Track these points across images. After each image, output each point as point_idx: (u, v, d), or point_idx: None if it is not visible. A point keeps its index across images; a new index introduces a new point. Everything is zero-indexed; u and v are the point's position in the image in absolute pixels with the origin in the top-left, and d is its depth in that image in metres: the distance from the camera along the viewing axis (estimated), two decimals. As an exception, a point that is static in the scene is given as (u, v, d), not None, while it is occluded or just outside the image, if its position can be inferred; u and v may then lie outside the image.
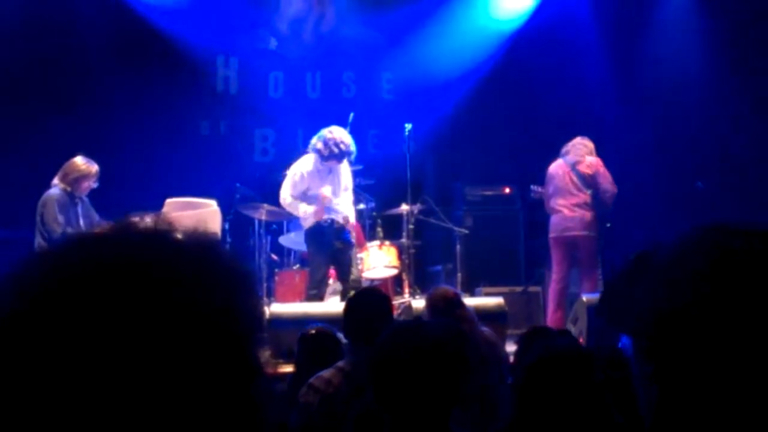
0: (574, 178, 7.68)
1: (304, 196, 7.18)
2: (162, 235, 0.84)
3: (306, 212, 7.13)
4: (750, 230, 1.01)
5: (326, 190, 7.11)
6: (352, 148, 7.15)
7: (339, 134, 7.15)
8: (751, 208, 8.01)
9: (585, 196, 7.65)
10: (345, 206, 7.34)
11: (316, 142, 7.15)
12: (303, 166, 7.22)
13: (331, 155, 7.08)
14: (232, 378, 0.79)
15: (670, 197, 8.70)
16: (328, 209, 7.14)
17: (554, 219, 7.75)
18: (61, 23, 8.95)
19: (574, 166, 7.70)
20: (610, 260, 7.69)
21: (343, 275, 7.25)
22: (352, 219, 7.42)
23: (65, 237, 0.76)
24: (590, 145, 7.81)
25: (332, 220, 7.16)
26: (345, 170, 7.38)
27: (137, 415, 0.73)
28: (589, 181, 7.67)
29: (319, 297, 7.10)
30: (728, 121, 8.61)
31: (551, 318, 7.63)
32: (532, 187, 8.25)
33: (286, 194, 7.21)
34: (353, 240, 7.43)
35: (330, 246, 7.14)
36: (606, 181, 7.67)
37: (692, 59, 9.04)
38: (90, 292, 0.75)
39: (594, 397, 2.22)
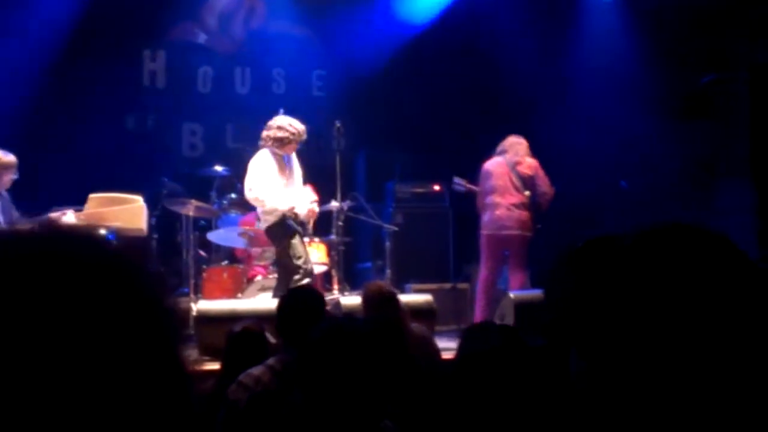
0: (514, 179, 7.69)
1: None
2: (80, 234, 0.83)
3: (276, 206, 6.96)
4: (698, 233, 1.05)
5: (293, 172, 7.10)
6: (304, 128, 7.16)
7: (287, 119, 7.15)
8: (675, 208, 8.23)
9: (523, 196, 7.68)
10: (304, 198, 7.28)
11: (271, 132, 7.06)
12: (265, 159, 7.07)
13: (292, 136, 7.03)
14: (161, 376, 0.78)
15: (593, 196, 8.87)
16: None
17: (490, 216, 7.71)
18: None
19: (514, 167, 7.71)
20: (538, 259, 7.81)
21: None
22: (316, 208, 7.32)
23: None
24: (525, 143, 7.86)
25: (295, 214, 7.06)
26: (296, 161, 7.33)
27: (66, 414, 0.72)
28: (528, 183, 7.70)
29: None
30: (653, 120, 8.81)
31: (481, 314, 7.67)
32: (455, 179, 8.26)
33: (254, 185, 6.97)
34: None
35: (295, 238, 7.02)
36: (544, 183, 7.73)
37: (619, 54, 9.20)
38: (16, 292, 0.74)
39: (526, 392, 2.24)
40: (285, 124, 7.07)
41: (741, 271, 1.01)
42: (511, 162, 7.73)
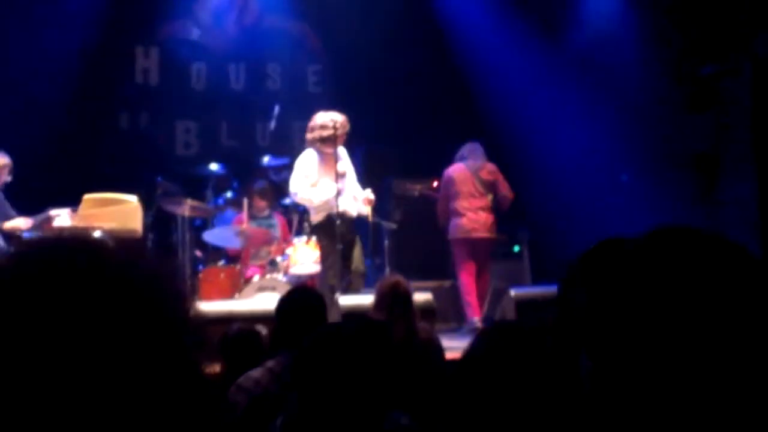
0: (477, 183, 7.90)
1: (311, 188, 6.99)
2: (88, 241, 0.83)
3: (322, 200, 6.89)
4: (703, 236, 1.05)
5: (341, 165, 6.95)
6: (345, 118, 7.05)
7: (328, 114, 7.03)
8: (677, 201, 8.18)
9: (487, 200, 7.91)
10: (356, 193, 7.19)
11: (315, 133, 6.97)
12: (310, 157, 7.02)
13: (336, 131, 6.92)
14: (178, 383, 0.79)
15: (594, 190, 8.82)
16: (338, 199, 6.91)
17: (457, 222, 7.92)
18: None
19: (476, 172, 7.91)
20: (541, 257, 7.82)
21: (349, 268, 7.04)
22: (371, 195, 7.17)
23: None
24: (481, 148, 8.05)
25: (342, 212, 6.91)
26: (345, 156, 7.20)
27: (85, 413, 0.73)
28: (490, 187, 7.93)
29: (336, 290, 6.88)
30: (654, 113, 8.74)
31: (479, 311, 7.70)
32: (407, 186, 8.67)
33: (297, 187, 6.97)
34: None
35: (340, 238, 6.88)
36: (505, 188, 7.97)
37: (619, 46, 9.13)
38: (30, 298, 0.75)
39: (535, 392, 2.18)
40: (327, 121, 6.96)
41: (749, 277, 1.01)
42: (473, 167, 7.94)
